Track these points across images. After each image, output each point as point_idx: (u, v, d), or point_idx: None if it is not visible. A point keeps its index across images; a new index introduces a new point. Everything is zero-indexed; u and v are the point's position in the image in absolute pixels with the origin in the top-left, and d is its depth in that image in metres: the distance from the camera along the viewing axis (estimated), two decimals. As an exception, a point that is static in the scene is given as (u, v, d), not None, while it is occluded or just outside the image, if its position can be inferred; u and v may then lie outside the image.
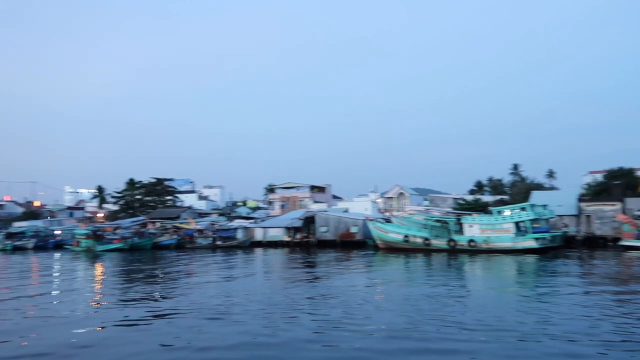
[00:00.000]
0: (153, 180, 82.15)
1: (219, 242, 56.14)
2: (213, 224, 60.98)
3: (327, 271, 27.52)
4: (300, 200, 78.25)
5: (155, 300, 18.00)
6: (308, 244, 54.40)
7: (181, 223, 61.89)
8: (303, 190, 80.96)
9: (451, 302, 15.57)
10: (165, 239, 58.15)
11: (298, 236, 56.21)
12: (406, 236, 44.85)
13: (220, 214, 75.03)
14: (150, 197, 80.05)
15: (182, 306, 16.12)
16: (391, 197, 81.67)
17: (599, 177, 66.07)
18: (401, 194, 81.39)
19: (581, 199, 51.69)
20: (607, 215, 46.68)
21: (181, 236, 58.00)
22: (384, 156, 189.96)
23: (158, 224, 62.59)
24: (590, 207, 48.39)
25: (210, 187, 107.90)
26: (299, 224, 56.73)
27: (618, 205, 46.86)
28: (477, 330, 11.55)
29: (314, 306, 15.53)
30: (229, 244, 55.22)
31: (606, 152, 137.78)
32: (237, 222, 63.05)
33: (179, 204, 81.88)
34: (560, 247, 41.89)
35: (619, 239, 41.54)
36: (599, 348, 10.01)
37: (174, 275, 27.87)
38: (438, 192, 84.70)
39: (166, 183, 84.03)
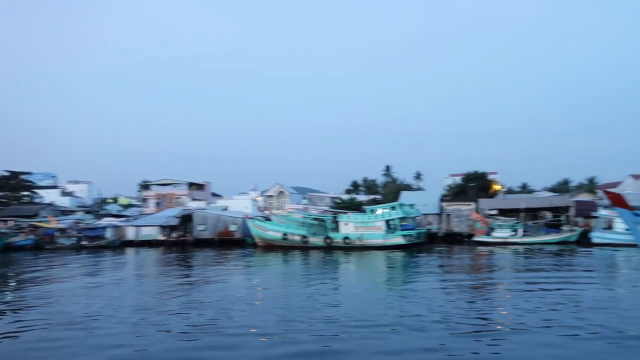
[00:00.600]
0: (6, 174, 72.90)
1: (84, 242, 51.64)
2: (78, 223, 55.93)
3: (203, 271, 26.78)
4: (178, 198, 75.13)
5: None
6: (185, 243, 52.48)
7: (39, 221, 55.77)
8: (180, 187, 77.80)
9: (323, 298, 15.95)
10: (19, 239, 51.93)
11: (174, 235, 53.93)
12: (285, 234, 45.47)
13: (87, 212, 69.10)
14: (2, 192, 70.92)
15: (31, 317, 14.31)
16: (271, 196, 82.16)
17: (458, 179, 73.22)
18: (281, 192, 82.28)
19: (443, 199, 56.88)
20: (463, 214, 51.93)
21: (39, 236, 52.29)
22: (265, 154, 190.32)
23: (11, 223, 55.71)
24: (450, 207, 53.46)
25: (76, 182, 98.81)
26: (175, 222, 54.49)
27: (473, 205, 52.41)
28: (345, 325, 11.88)
29: (187, 309, 14.87)
30: (96, 244, 51.08)
31: (465, 156, 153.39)
32: (106, 221, 58.59)
33: (37, 200, 73.67)
34: (425, 242, 45.66)
35: (473, 235, 46.55)
36: (451, 337, 11.01)
37: (28, 280, 24.97)
38: (317, 191, 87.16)
39: (23, 177, 75.05)
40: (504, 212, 49.64)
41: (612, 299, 15.30)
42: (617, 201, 10.83)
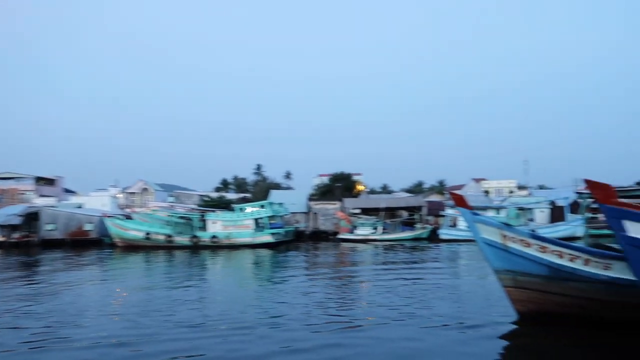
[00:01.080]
0: None
1: None
2: None
3: (50, 277, 24.10)
4: (22, 194, 66.71)
5: None
6: (29, 244, 46.78)
7: None
8: (26, 181, 69.21)
9: (185, 301, 15.24)
10: None
11: (15, 235, 47.80)
12: (148, 233, 43.01)
13: None
14: None
15: None
16: (134, 193, 77.13)
17: (326, 179, 76.09)
18: (145, 189, 77.70)
19: (310, 198, 58.66)
20: (329, 213, 54.11)
21: None
22: (127, 150, 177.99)
23: None
24: (317, 206, 55.30)
25: None
26: (17, 221, 48.33)
27: (338, 205, 54.89)
28: (206, 327, 11.39)
29: (28, 319, 13.17)
30: None
31: (332, 157, 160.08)
32: None
33: None
34: (292, 240, 46.64)
35: (337, 233, 48.76)
36: (316, 334, 11.34)
37: None
38: (184, 188, 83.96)
39: None
40: (366, 211, 52.86)
41: (445, 289, 17.05)
42: (459, 202, 12.17)
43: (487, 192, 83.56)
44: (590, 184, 7.64)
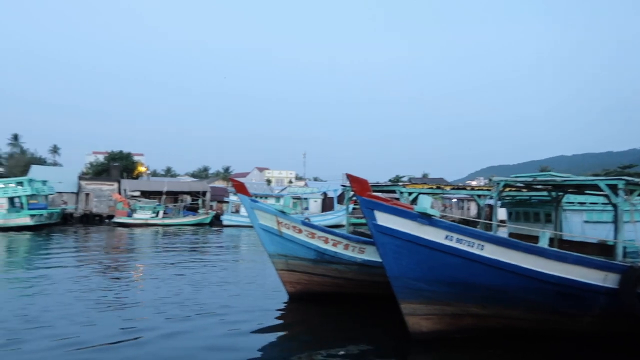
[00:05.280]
0: None
1: None
2: None
3: None
4: None
5: None
6: None
7: None
8: None
9: None
10: None
11: None
12: None
13: None
14: None
15: None
16: None
17: (102, 157, 69.51)
18: None
19: (82, 177, 52.84)
20: (105, 194, 49.72)
21: None
22: None
23: None
24: (90, 186, 50.19)
25: None
26: None
27: (115, 186, 50.81)
28: None
29: None
30: None
31: (110, 134, 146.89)
32: None
33: None
34: (58, 223, 41.47)
35: (113, 216, 45.13)
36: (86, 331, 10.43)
37: None
38: None
39: None
40: (146, 194, 50.23)
41: (222, 275, 17.67)
42: (240, 189, 12.70)
43: (269, 181, 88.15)
44: (351, 178, 8.85)
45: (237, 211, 46.06)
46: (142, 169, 71.21)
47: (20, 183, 38.81)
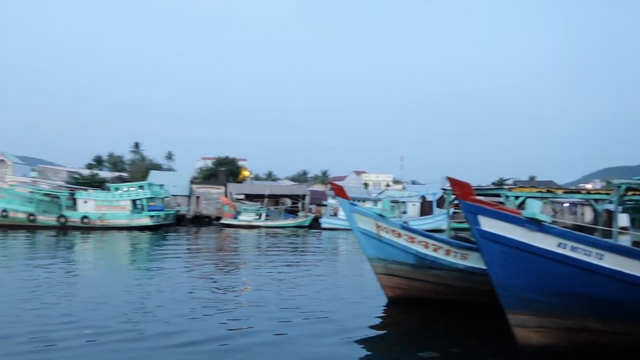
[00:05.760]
0: None
1: None
2: None
3: None
4: None
5: None
6: None
7: None
8: None
9: (50, 290, 13.74)
10: None
11: None
12: (4, 211, 38.52)
13: None
14: None
15: None
16: (-13, 165, 68.16)
17: (210, 163, 74.25)
18: (2, 161, 69.10)
19: (193, 181, 56.92)
20: (213, 197, 53.07)
21: None
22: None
23: None
24: (200, 189, 53.90)
25: None
26: None
27: (222, 189, 54.04)
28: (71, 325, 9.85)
29: None
30: None
31: (217, 140, 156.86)
32: None
33: None
34: (173, 224, 45.01)
35: (220, 218, 48.05)
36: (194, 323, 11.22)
37: None
38: (50, 163, 76.32)
39: None
40: (250, 197, 52.77)
41: (323, 275, 17.94)
42: (339, 192, 12.87)
43: (366, 184, 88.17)
44: (452, 181, 8.56)
45: (336, 214, 46.69)
46: (246, 173, 75.00)
47: (141, 187, 42.86)
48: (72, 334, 8.96)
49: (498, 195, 15.08)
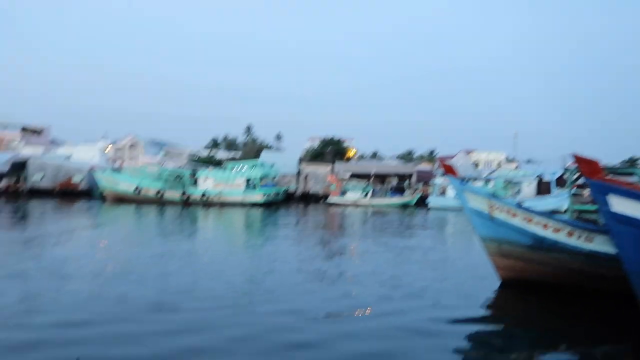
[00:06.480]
0: None
1: None
2: None
3: (40, 227, 24.28)
4: (8, 143, 65.91)
5: None
6: (17, 192, 46.66)
7: None
8: (11, 130, 68.29)
9: (180, 261, 14.99)
10: None
11: (3, 183, 47.60)
12: (138, 187, 43.04)
13: None
14: None
15: None
16: (123, 147, 76.49)
17: (316, 143, 76.03)
18: (135, 143, 77.03)
19: (301, 160, 58.79)
20: (320, 176, 54.39)
21: None
22: (117, 102, 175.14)
23: None
24: (308, 168, 55.51)
25: None
26: (4, 169, 47.95)
27: (329, 168, 55.14)
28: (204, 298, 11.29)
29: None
30: None
31: (324, 121, 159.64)
32: None
33: None
34: (282, 201, 47.06)
35: (327, 196, 49.21)
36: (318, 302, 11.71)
37: None
38: (174, 145, 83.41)
39: None
40: (356, 176, 53.26)
41: (431, 254, 17.57)
42: (449, 171, 12.46)
43: (476, 163, 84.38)
44: (578, 159, 7.87)
45: (443, 193, 45.42)
46: (351, 152, 75.70)
47: (253, 166, 45.31)
48: (186, 298, 9.78)
49: (630, 174, 13.59)
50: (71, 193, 46.56)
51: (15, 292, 9.69)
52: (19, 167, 48.42)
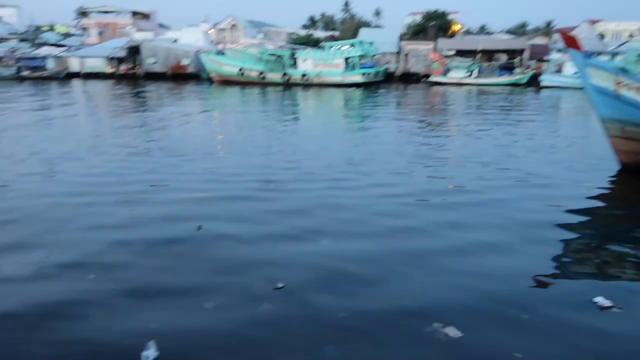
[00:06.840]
0: None
1: (25, 73, 48.68)
2: (13, 51, 51.93)
3: (161, 107, 26.43)
4: (121, 28, 69.79)
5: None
6: (135, 76, 50.46)
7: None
8: (123, 15, 71.78)
9: (275, 139, 16.04)
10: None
11: (122, 67, 51.50)
12: (241, 69, 44.32)
13: (22, 40, 63.57)
14: None
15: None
16: (224, 29, 77.62)
17: (418, 18, 71.05)
18: (234, 25, 77.72)
19: (402, 38, 55.76)
20: (421, 54, 51.65)
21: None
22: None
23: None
24: (408, 46, 52.75)
25: (2, 6, 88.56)
26: (122, 53, 51.53)
27: (431, 45, 51.94)
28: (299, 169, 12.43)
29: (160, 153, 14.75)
30: (39, 75, 48.29)
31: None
32: (45, 50, 54.51)
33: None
34: (382, 81, 46.00)
35: (429, 75, 47.07)
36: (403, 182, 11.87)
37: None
38: (272, 25, 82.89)
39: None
40: (461, 53, 49.80)
41: (541, 136, 16.58)
42: (570, 42, 11.13)
43: (602, 35, 74.44)
44: None
45: (559, 71, 41.34)
46: (456, 27, 69.98)
47: (352, 45, 44.05)
48: (291, 176, 10.21)
49: None
50: (181, 76, 49.30)
51: (143, 170, 10.75)
52: (134, 52, 51.66)
